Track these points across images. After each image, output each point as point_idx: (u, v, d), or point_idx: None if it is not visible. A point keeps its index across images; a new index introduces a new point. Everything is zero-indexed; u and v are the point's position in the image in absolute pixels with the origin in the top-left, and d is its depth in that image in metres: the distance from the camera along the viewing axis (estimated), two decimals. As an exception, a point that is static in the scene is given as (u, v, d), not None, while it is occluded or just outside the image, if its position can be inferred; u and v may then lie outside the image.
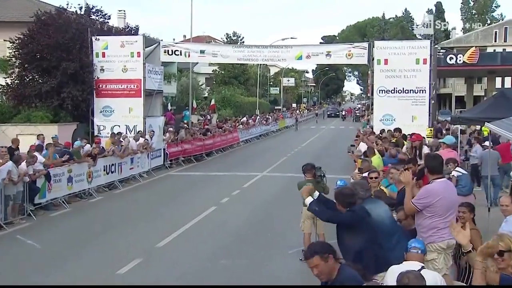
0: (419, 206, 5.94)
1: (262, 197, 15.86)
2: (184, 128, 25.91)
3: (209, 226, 12.14)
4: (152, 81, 21.80)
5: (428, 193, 5.93)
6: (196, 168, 22.61)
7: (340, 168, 19.97)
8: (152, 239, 10.84)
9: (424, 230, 5.95)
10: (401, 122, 19.75)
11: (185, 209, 13.96)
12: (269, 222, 12.57)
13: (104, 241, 10.87)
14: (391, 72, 20.52)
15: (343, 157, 22.35)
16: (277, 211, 13.72)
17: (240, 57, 22.39)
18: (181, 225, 11.98)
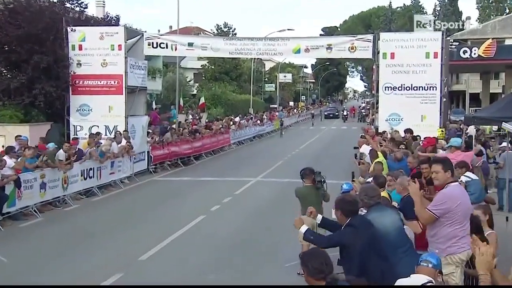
0: (437, 213, 5.84)
1: (256, 205, 15.86)
2: (171, 129, 25.87)
3: (197, 237, 12.11)
4: (135, 76, 21.75)
5: (447, 198, 5.86)
6: (184, 173, 22.59)
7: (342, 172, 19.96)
8: (134, 252, 10.81)
9: (442, 241, 5.87)
10: (409, 122, 19.80)
11: (171, 218, 13.94)
12: (264, 232, 12.57)
13: (81, 254, 10.82)
14: (398, 67, 20.58)
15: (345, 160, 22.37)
16: (272, 220, 13.72)
17: (232, 51, 22.39)
18: (166, 236, 11.95)
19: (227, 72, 58.07)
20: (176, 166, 24.19)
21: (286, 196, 14.64)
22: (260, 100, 64.89)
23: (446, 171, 6.02)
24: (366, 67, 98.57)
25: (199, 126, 30.53)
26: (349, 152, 18.98)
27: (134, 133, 21.35)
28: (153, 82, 40.41)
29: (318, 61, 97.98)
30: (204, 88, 53.88)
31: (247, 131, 38.60)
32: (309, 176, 9.47)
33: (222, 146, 31.78)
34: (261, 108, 58.55)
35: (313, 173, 9.47)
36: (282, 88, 78.11)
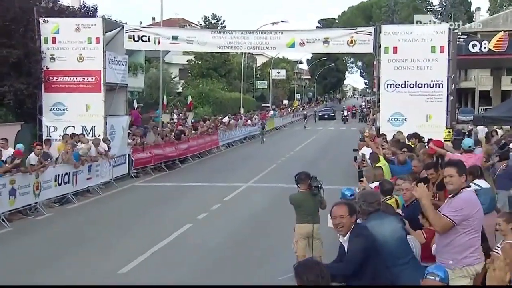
0: (456, 220, 5.81)
1: (248, 212, 15.84)
2: (153, 130, 25.81)
3: (182, 248, 12.08)
4: (114, 72, 21.67)
5: (466, 203, 5.85)
6: (168, 178, 22.54)
7: (341, 176, 19.98)
8: (113, 264, 10.75)
9: (459, 250, 5.85)
10: (414, 122, 19.83)
11: (154, 228, 13.88)
12: (255, 242, 12.54)
13: (55, 267, 10.74)
14: (402, 62, 20.63)
15: (344, 163, 22.37)
16: (265, 229, 13.70)
17: (220, 45, 22.36)
18: (148, 247, 11.90)
19: (215, 68, 58.08)
20: (159, 170, 24.12)
21: (279, 203, 14.63)
22: (251, 98, 64.98)
23: (461, 175, 6.00)
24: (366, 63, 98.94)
25: (185, 127, 30.48)
26: (348, 154, 19.05)
27: (113, 134, 21.27)
28: (135, 78, 40.28)
29: (315, 56, 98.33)
30: (190, 86, 53.86)
31: (237, 132, 38.60)
32: (305, 181, 9.46)
33: (210, 149, 31.74)
34: (252, 107, 58.63)
35: (309, 178, 9.46)
36: (275, 86, 78.19)
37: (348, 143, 26.23)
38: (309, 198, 9.44)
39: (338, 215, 5.71)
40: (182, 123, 32.88)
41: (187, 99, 42.11)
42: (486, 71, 53.33)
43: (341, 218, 5.68)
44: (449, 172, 6.06)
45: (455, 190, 6.00)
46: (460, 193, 5.95)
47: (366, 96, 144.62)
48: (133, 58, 38.12)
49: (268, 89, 70.26)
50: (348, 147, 20.20)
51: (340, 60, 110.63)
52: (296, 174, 9.63)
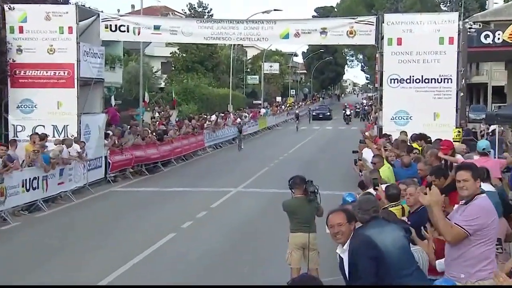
0: (470, 230, 5.78)
1: (237, 220, 15.84)
2: (133, 129, 25.75)
3: (165, 259, 12.05)
4: (89, 66, 21.59)
5: (482, 211, 5.82)
6: (149, 182, 22.51)
7: (340, 181, 20.04)
8: (89, 278, 10.72)
9: (472, 263, 5.83)
10: (419, 121, 19.87)
11: (134, 237, 13.85)
12: (245, 253, 12.54)
13: (24, 282, 10.67)
14: (406, 55, 20.68)
15: (344, 166, 22.39)
16: (256, 239, 13.70)
17: (207, 35, 22.33)
18: (127, 259, 11.87)
19: (202, 61, 58.06)
20: (140, 174, 24.07)
21: (272, 210, 14.62)
22: (241, 94, 65.00)
23: (475, 179, 5.98)
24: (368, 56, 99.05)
25: (168, 126, 30.40)
26: (347, 156, 19.04)
27: (88, 134, 21.18)
28: (112, 73, 40.25)
29: (311, 48, 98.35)
30: (174, 81, 53.80)
31: (225, 132, 38.58)
32: (300, 185, 9.46)
33: (196, 150, 31.71)
34: (242, 104, 58.61)
35: (304, 182, 9.47)
36: (268, 81, 78.21)
37: (348, 144, 26.27)
38: (304, 204, 9.44)
39: (335, 223, 5.70)
40: (165, 122, 32.79)
41: (170, 95, 42.02)
42: (500, 64, 53.33)
43: (339, 226, 5.67)
44: (463, 176, 5.98)
45: (469, 196, 5.94)
46: (475, 200, 5.90)
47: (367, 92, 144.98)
48: (110, 50, 38.05)
49: (260, 84, 70.28)
50: (348, 148, 20.23)
51: (339, 52, 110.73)
52: (290, 178, 9.63)
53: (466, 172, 6.01)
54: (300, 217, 9.47)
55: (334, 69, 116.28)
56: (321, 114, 69.29)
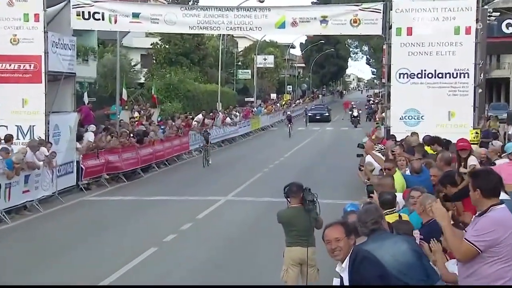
0: (480, 246, 5.75)
1: (226, 234, 15.79)
2: (109, 130, 25.69)
3: (146, 277, 12.00)
4: (59, 59, 21.53)
5: (496, 225, 5.77)
6: (127, 190, 22.47)
7: (342, 188, 20.03)
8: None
9: (484, 282, 5.81)
10: (432, 121, 19.88)
11: (109, 253, 13.80)
12: (235, 269, 12.51)
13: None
14: (418, 46, 20.70)
15: (346, 172, 22.40)
16: (247, 254, 13.66)
17: (193, 24, 22.30)
18: (103, 277, 11.83)
19: (187, 53, 57.98)
20: (117, 181, 24.03)
21: (266, 221, 14.59)
22: (231, 91, 65.01)
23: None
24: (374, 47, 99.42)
25: (149, 127, 30.31)
26: (351, 161, 19.06)
27: (58, 136, 21.09)
28: (85, 66, 40.08)
29: (310, 39, 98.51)
30: (156, 76, 53.70)
31: (213, 133, 38.49)
32: (297, 194, 9.43)
33: (179, 154, 31.68)
34: (233, 102, 58.59)
35: (301, 190, 9.43)
36: (261, 76, 78.26)
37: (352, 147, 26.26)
38: (301, 215, 9.41)
39: (333, 238, 5.70)
40: (142, 121, 32.64)
41: (151, 92, 41.91)
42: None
43: (337, 241, 5.67)
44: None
45: (483, 208, 5.92)
46: (489, 211, 5.86)
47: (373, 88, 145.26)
48: (82, 41, 37.90)
49: (252, 79, 70.31)
50: (352, 152, 20.20)
51: (341, 44, 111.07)
52: (285, 186, 9.60)
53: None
54: (297, 229, 9.44)
55: (336, 63, 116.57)
56: (318, 115, 66.53)
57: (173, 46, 57.47)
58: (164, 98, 45.76)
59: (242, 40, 79.38)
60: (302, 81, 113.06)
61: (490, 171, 6.44)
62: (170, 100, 46.31)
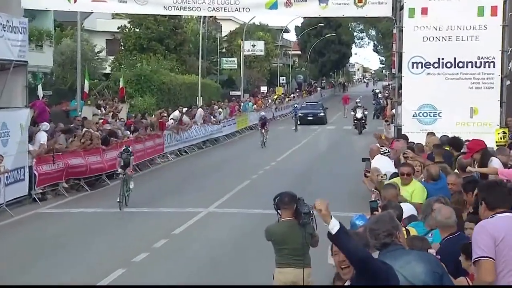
0: (489, 255, 6.22)
1: (207, 252, 15.77)
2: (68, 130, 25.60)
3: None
4: (7, 44, 21.44)
5: (483, 231, 6.26)
6: (90, 201, 22.39)
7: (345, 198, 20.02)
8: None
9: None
10: (451, 118, 19.95)
11: (69, 275, 13.74)
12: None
13: None
14: (434, 30, 20.73)
15: (350, 180, 22.39)
16: (232, 277, 13.60)
17: (168, 4, 22.26)
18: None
19: (161, 39, 57.90)
20: (78, 189, 23.97)
21: (255, 238, 14.54)
22: (214, 83, 64.90)
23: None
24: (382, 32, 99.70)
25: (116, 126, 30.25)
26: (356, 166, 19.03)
27: (6, 136, 21.01)
28: (39, 53, 39.92)
29: (307, 21, 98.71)
30: (124, 65, 53.59)
31: (193, 133, 38.47)
32: (289, 205, 9.42)
33: (152, 158, 31.66)
34: (216, 96, 58.54)
35: (294, 201, 9.43)
36: (249, 65, 78.28)
37: (357, 149, 26.30)
38: (295, 231, 9.41)
39: None
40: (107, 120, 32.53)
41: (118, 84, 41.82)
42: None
43: None
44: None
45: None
46: (483, 220, 6.45)
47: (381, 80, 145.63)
48: (36, 23, 37.76)
49: (239, 70, 70.27)
50: (356, 155, 20.22)
51: (344, 27, 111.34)
52: (276, 196, 9.56)
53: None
54: (290, 248, 9.43)
55: (337, 50, 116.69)
56: (310, 115, 61.04)
57: (144, 30, 57.38)
58: (134, 92, 45.66)
59: (226, 23, 79.45)
60: (297, 71, 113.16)
61: (498, 183, 6.67)
62: (141, 94, 46.20)
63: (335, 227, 5.76)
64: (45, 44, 42.28)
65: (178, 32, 59.80)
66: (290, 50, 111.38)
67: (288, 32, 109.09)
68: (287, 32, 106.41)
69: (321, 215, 5.89)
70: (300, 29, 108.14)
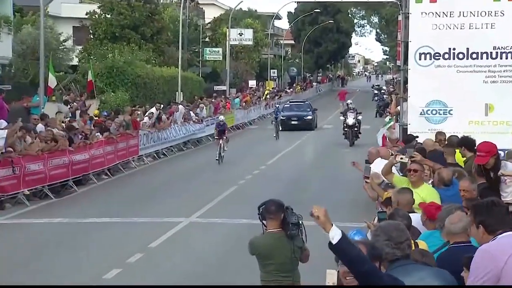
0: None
1: (188, 268, 15.83)
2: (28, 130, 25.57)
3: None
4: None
5: (488, 257, 6.30)
6: (56, 210, 22.39)
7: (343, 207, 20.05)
8: None
9: None
10: (463, 116, 19.97)
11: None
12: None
13: None
14: (445, 17, 20.79)
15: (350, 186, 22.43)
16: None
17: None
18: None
19: (136, 26, 57.76)
20: (41, 197, 23.94)
21: (242, 252, 14.57)
22: (196, 76, 64.87)
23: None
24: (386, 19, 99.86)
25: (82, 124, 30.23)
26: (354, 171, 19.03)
27: None
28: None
29: (301, 7, 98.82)
30: (93, 56, 53.48)
31: (172, 133, 38.45)
32: (276, 215, 9.47)
33: (126, 161, 31.73)
34: (199, 91, 58.55)
35: (282, 210, 9.46)
36: (236, 56, 78.25)
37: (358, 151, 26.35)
38: (282, 244, 9.46)
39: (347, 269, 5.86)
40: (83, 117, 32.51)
41: (87, 77, 41.80)
42: None
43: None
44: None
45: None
46: (484, 244, 6.50)
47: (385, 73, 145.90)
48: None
49: (224, 61, 70.27)
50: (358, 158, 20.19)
51: (343, 14, 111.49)
52: (261, 204, 9.60)
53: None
54: (276, 263, 9.44)
55: (336, 39, 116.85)
56: (294, 118, 54.24)
57: (117, 16, 57.21)
58: (106, 86, 45.63)
59: (210, 8, 79.56)
60: (290, 63, 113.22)
61: (495, 203, 6.73)
62: (113, 89, 46.13)
63: (336, 236, 5.83)
64: (3, 32, 42.13)
65: (155, 18, 59.67)
66: (282, 39, 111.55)
67: (280, 19, 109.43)
68: (279, 19, 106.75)
69: (320, 223, 5.96)
70: (294, 15, 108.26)
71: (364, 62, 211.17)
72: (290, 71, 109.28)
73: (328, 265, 7.58)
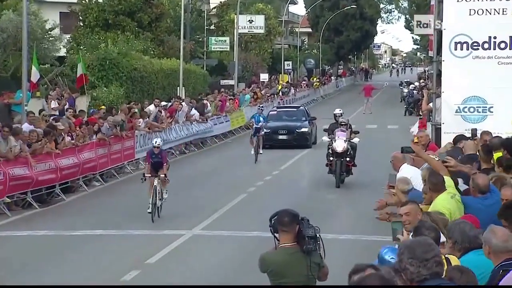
0: None
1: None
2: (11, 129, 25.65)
3: None
4: None
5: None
6: (41, 221, 22.52)
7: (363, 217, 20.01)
8: None
9: None
10: (505, 114, 19.96)
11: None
12: None
13: None
14: (484, 1, 20.77)
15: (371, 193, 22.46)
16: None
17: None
18: None
19: (132, 12, 57.85)
20: (24, 206, 24.03)
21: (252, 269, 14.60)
22: (200, 69, 64.90)
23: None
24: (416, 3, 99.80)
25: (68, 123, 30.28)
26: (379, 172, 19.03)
27: None
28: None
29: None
30: (83, 46, 53.58)
31: (173, 133, 38.50)
32: (290, 227, 9.46)
33: (121, 165, 31.86)
34: (202, 86, 58.64)
35: (297, 222, 9.46)
36: (245, 47, 78.28)
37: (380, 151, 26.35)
38: (297, 260, 9.48)
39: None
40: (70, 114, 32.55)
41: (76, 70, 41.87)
42: None
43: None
44: None
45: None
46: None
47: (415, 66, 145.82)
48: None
49: (232, 52, 70.30)
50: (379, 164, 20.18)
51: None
52: (272, 215, 9.58)
53: None
54: (290, 281, 9.44)
55: (359, 27, 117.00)
56: (283, 130, 44.68)
57: (110, 0, 57.36)
58: (97, 80, 45.67)
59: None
60: (307, 54, 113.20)
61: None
62: (106, 83, 46.18)
63: None
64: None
65: (154, 3, 59.65)
66: (298, 27, 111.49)
67: (296, 3, 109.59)
68: (294, 3, 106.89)
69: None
70: (311, 0, 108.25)
71: (391, 53, 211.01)
72: (307, 63, 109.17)
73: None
